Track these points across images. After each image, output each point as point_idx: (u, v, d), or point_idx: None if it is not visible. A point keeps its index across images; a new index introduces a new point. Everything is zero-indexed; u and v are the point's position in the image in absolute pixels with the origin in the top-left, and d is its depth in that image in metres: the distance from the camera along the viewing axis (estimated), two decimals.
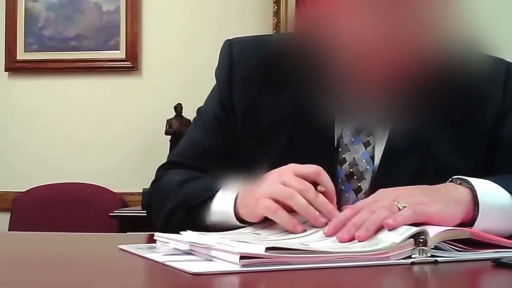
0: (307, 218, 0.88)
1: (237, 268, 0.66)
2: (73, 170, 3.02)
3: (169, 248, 0.82)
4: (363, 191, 1.07)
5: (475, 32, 1.15)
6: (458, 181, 0.96)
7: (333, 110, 1.11)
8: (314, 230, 0.86)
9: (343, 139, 1.10)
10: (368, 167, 1.08)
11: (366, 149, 1.10)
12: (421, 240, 0.75)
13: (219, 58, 1.21)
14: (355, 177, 1.08)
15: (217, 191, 1.03)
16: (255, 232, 0.90)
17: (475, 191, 0.92)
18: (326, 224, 0.86)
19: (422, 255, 0.74)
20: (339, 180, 1.08)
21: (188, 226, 0.91)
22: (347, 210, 0.88)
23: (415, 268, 0.72)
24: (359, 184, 1.08)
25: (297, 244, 0.78)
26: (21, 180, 2.99)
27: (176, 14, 3.07)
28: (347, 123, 1.11)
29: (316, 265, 0.70)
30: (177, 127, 2.81)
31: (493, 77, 1.15)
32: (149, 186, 1.28)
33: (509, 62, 1.19)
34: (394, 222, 0.80)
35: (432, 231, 0.76)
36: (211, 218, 1.02)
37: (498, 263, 0.73)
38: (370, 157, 1.09)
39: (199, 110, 1.24)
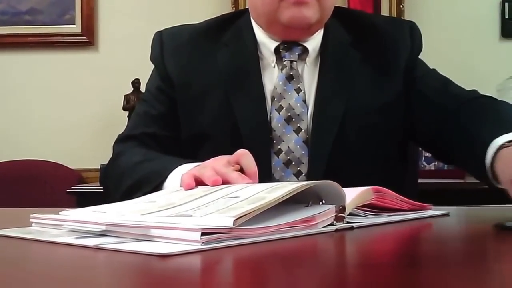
0: (202, 179, 0.93)
1: (199, 246, 0.66)
2: (29, 147, 2.97)
3: (66, 229, 0.79)
4: (303, 130, 1.22)
5: None
6: None
7: (260, 68, 1.27)
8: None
9: (277, 89, 1.25)
10: (303, 110, 1.24)
11: (298, 94, 1.25)
12: (340, 208, 0.81)
13: (151, 45, 1.37)
14: (293, 120, 1.23)
15: (167, 175, 1.09)
16: (151, 200, 0.89)
17: None
18: (219, 183, 0.90)
19: (341, 221, 0.81)
20: (279, 125, 1.23)
21: None
22: None
23: (339, 234, 0.78)
24: (298, 125, 1.22)
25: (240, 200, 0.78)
26: None
27: None
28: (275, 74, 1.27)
29: (259, 238, 0.71)
30: (135, 103, 2.78)
31: (400, 30, 1.34)
32: (107, 162, 1.30)
33: (411, 22, 1.38)
34: None
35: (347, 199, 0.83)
36: None
37: (502, 228, 0.81)
38: (303, 101, 1.24)
39: (141, 96, 1.33)
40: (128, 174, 1.19)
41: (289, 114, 1.23)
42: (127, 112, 2.82)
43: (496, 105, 1.19)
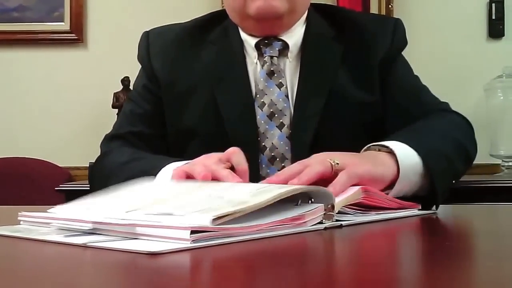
0: (193, 174, 0.93)
1: (189, 244, 0.65)
2: (18, 145, 2.95)
3: (54, 227, 0.79)
4: (285, 126, 1.22)
5: None
6: (377, 148, 1.05)
7: (246, 65, 1.27)
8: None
9: (258, 86, 1.25)
10: (285, 105, 1.24)
11: (280, 89, 1.25)
12: (329, 206, 0.81)
13: (138, 45, 1.37)
14: (276, 115, 1.23)
15: (157, 174, 1.07)
16: (134, 193, 0.89)
17: (395, 155, 1.01)
18: (209, 178, 0.90)
19: (330, 220, 0.81)
20: (262, 122, 1.22)
21: None
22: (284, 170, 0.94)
23: (328, 232, 0.79)
24: (281, 121, 1.22)
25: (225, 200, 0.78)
26: None
27: None
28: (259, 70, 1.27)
29: (249, 236, 0.71)
30: (124, 101, 2.78)
31: (383, 26, 1.33)
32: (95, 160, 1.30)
33: (396, 18, 1.38)
34: (334, 190, 0.86)
35: (337, 198, 0.84)
36: None
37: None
38: (285, 96, 1.24)
39: (128, 95, 1.33)
40: (116, 174, 1.18)
41: (271, 110, 1.23)
42: (116, 110, 2.81)
43: (440, 122, 1.22)
